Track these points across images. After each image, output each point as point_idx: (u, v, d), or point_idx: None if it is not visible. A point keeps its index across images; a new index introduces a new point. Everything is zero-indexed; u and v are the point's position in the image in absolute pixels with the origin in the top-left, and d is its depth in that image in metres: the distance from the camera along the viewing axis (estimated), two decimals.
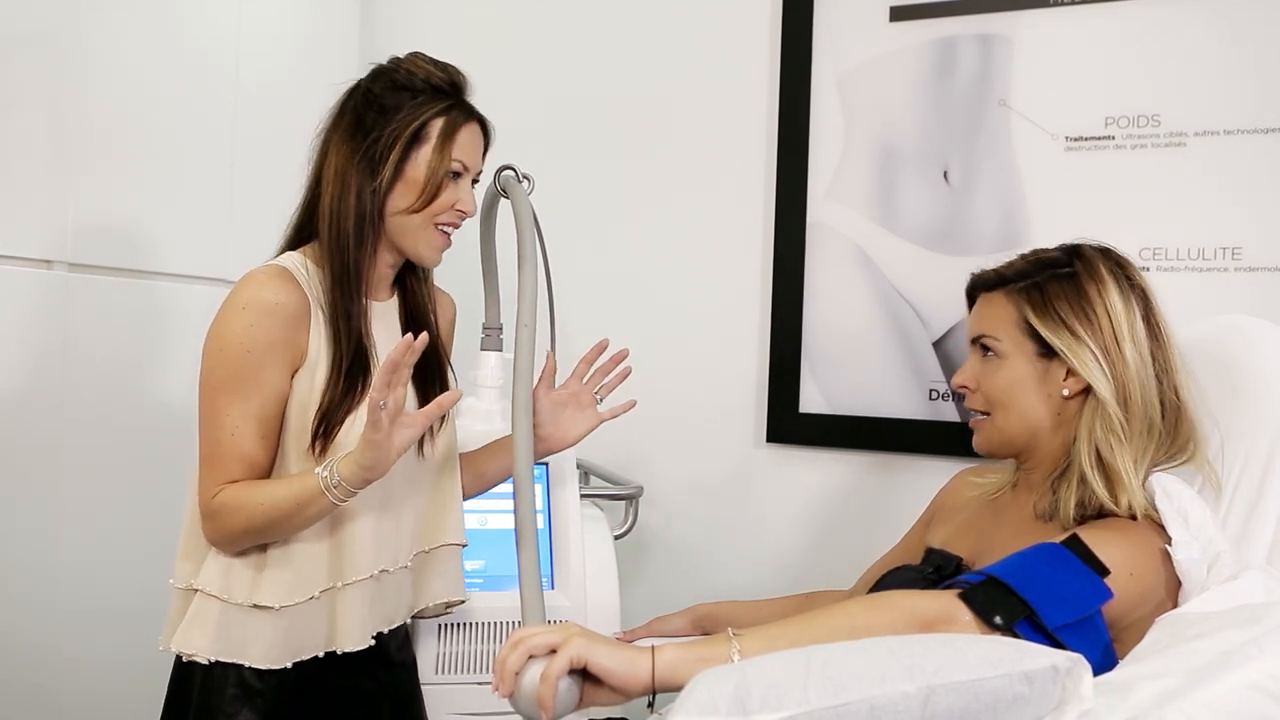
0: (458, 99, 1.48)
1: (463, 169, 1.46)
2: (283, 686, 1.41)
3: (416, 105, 1.44)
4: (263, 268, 1.42)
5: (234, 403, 1.37)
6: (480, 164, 1.52)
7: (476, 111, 1.50)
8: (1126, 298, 1.31)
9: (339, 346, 1.41)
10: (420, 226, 1.45)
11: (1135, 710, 0.92)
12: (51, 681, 1.82)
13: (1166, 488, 1.24)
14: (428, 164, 1.43)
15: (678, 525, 2.26)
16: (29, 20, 1.77)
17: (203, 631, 1.38)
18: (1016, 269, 1.38)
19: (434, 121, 1.44)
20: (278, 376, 1.38)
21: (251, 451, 1.37)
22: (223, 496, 1.36)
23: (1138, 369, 1.29)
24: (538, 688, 1.00)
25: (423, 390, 1.51)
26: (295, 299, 1.40)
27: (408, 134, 1.43)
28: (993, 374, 1.36)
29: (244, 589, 1.39)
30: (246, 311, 1.37)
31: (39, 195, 1.80)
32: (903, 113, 2.07)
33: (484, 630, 1.73)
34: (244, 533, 1.37)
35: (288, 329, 1.38)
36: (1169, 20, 1.88)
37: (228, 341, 1.37)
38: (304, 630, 1.40)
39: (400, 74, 1.46)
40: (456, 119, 1.46)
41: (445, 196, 1.45)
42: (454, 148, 1.45)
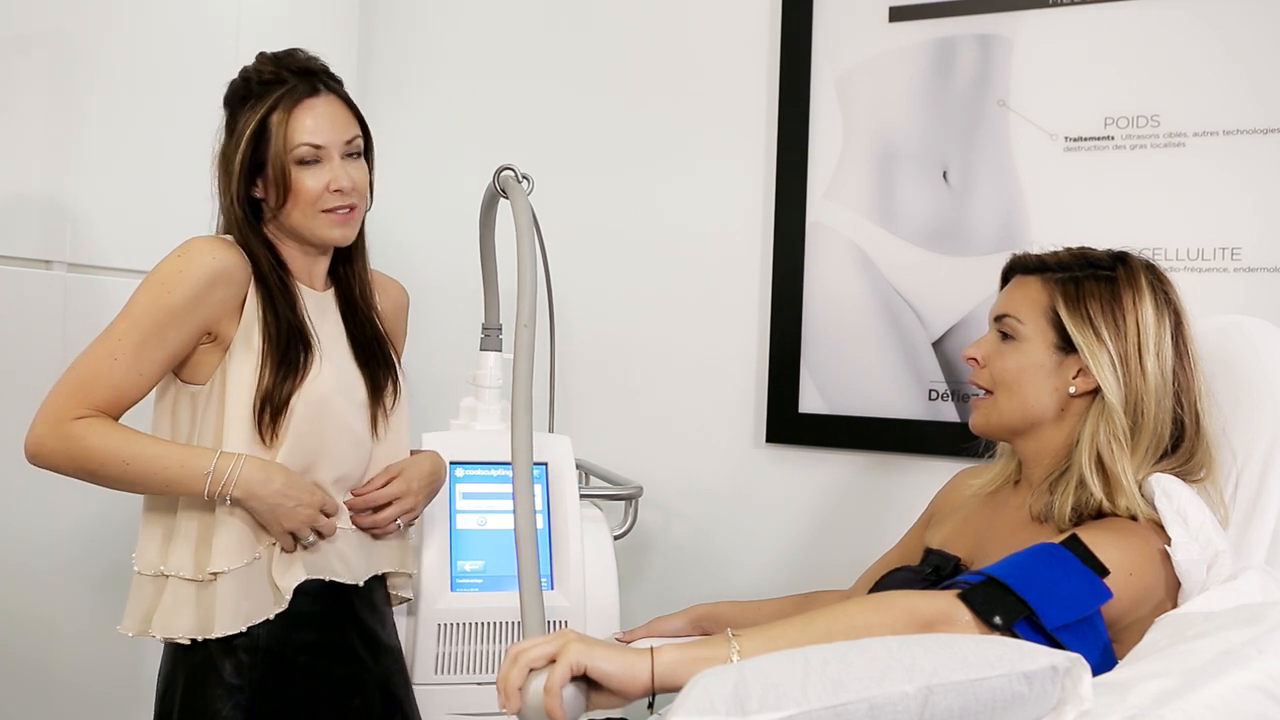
0: (295, 81, 1.46)
1: (313, 150, 1.45)
2: (264, 680, 1.43)
3: (251, 108, 1.45)
4: (214, 234, 1.48)
5: (130, 332, 1.39)
6: (344, 134, 1.47)
7: (321, 85, 1.48)
8: (1160, 313, 1.31)
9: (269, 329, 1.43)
10: (306, 218, 1.46)
11: (1134, 710, 0.92)
12: (50, 675, 1.82)
13: (1166, 488, 1.24)
14: (272, 159, 1.44)
15: (677, 525, 2.26)
16: (29, 20, 1.77)
17: (179, 611, 1.40)
18: (1059, 260, 1.38)
19: (270, 117, 1.44)
20: (185, 330, 1.41)
21: (122, 384, 1.38)
22: (90, 425, 1.36)
23: (1156, 384, 1.29)
24: (543, 700, 1.00)
25: (368, 372, 1.54)
26: (237, 264, 1.43)
27: (247, 138, 1.44)
28: (1006, 355, 1.36)
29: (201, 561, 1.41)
30: (181, 260, 1.41)
31: (39, 195, 1.80)
32: (902, 113, 2.07)
33: (484, 630, 1.73)
34: (88, 466, 1.37)
35: (216, 288, 1.41)
36: (1168, 21, 1.88)
37: (153, 280, 1.41)
38: (253, 594, 1.42)
39: (238, 83, 1.48)
40: (289, 103, 1.44)
41: (309, 184, 1.45)
42: (293, 134, 1.44)
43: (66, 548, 1.85)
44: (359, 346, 1.55)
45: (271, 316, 1.44)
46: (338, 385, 1.49)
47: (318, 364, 1.46)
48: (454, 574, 1.75)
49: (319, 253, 1.54)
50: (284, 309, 1.46)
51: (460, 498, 1.79)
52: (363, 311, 1.58)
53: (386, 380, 1.56)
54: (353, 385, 1.52)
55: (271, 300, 1.45)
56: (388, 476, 1.54)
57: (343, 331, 1.55)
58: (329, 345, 1.51)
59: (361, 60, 2.49)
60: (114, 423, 1.39)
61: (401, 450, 1.60)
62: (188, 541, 1.42)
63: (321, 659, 1.48)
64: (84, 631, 1.88)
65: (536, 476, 1.82)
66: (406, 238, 2.38)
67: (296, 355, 1.44)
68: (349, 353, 1.54)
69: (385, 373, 1.57)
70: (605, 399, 2.32)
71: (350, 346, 1.55)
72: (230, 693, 1.41)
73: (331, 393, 1.47)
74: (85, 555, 1.88)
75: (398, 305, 1.69)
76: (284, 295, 1.47)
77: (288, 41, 1.53)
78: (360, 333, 1.56)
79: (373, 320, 1.59)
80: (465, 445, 1.82)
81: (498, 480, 1.82)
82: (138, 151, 1.95)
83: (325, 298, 1.56)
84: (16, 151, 1.76)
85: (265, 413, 1.42)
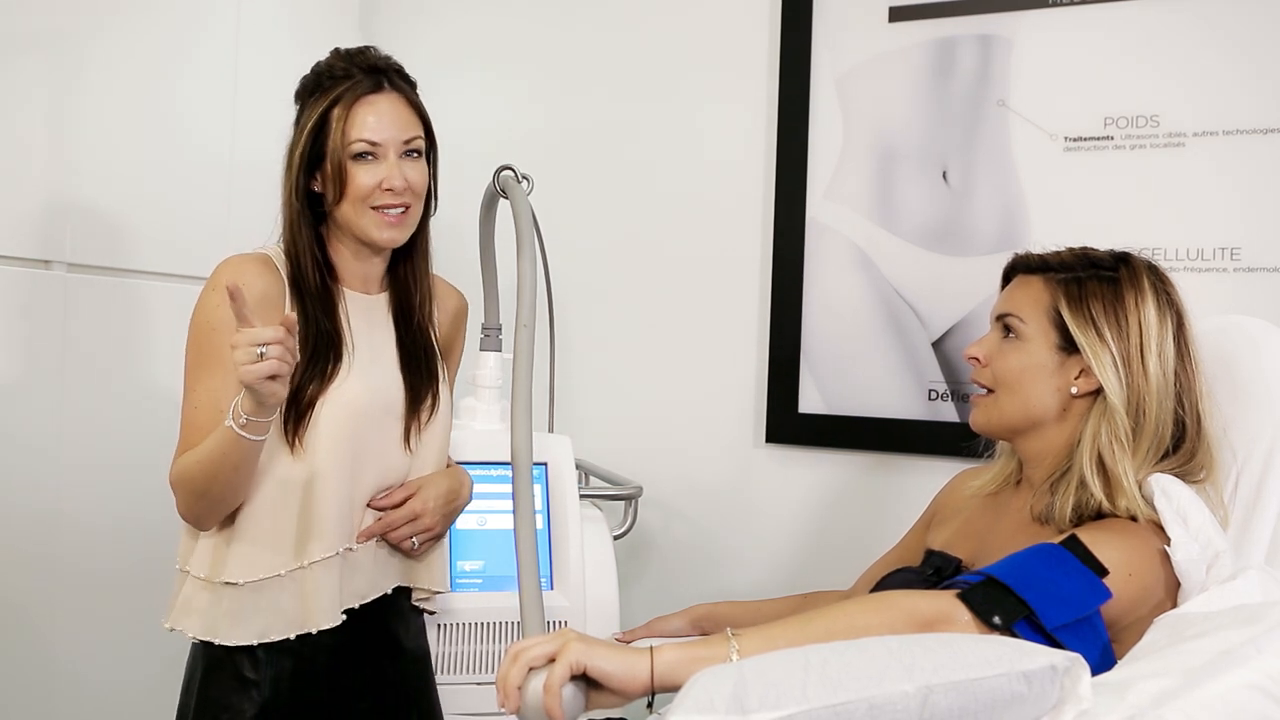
0: (364, 76, 1.46)
1: (370, 146, 1.44)
2: (280, 676, 1.43)
3: (315, 100, 1.45)
4: (243, 253, 1.47)
5: (200, 379, 1.41)
6: (404, 132, 1.46)
7: (387, 83, 1.47)
8: (1162, 314, 1.31)
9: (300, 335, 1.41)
10: (355, 214, 1.45)
11: (1133, 710, 0.92)
12: (50, 682, 1.82)
13: (1165, 488, 1.24)
14: (330, 152, 1.44)
15: (677, 525, 2.26)
16: (29, 20, 1.77)
17: (190, 609, 1.42)
18: (1061, 260, 1.38)
19: (331, 110, 1.44)
20: None
21: (210, 425, 1.37)
22: (173, 469, 1.40)
23: (1158, 384, 1.28)
24: (543, 699, 1.00)
25: (410, 381, 1.52)
26: (266, 282, 1.43)
27: (309, 131, 1.44)
28: (1008, 354, 1.36)
29: (215, 567, 1.41)
30: (215, 292, 1.41)
31: (39, 195, 1.80)
32: (902, 113, 2.07)
33: (484, 630, 1.73)
34: (194, 497, 1.38)
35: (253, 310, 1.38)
36: (1168, 21, 1.88)
37: (197, 320, 1.42)
38: (270, 609, 1.41)
39: (308, 77, 1.48)
40: (350, 99, 1.44)
41: (361, 180, 1.44)
42: (350, 129, 1.43)
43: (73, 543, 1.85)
44: (406, 354, 1.53)
45: (302, 319, 1.42)
46: (370, 394, 1.46)
47: (346, 370, 1.44)
48: (454, 574, 1.75)
49: (372, 254, 1.51)
50: (316, 313, 1.44)
51: None
52: (417, 319, 1.55)
53: (428, 393, 1.53)
54: (391, 394, 1.49)
55: (304, 304, 1.44)
56: (405, 493, 1.51)
57: (392, 337, 1.53)
58: (372, 351, 1.49)
59: None
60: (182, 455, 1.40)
61: (433, 466, 1.56)
62: (207, 543, 1.43)
63: (339, 659, 1.47)
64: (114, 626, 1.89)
65: (536, 476, 1.82)
66: None
67: (325, 360, 1.43)
68: (395, 360, 1.52)
69: (428, 385, 1.53)
70: (605, 399, 2.32)
71: (398, 353, 1.52)
72: (246, 688, 1.42)
73: (362, 401, 1.45)
74: (94, 552, 1.88)
75: (455, 313, 1.65)
76: (320, 299, 1.45)
77: (288, 43, 1.54)
78: (410, 340, 1.53)
79: (425, 329, 1.56)
80: (465, 445, 1.82)
81: (497, 480, 1.82)
82: (138, 151, 1.96)
83: (376, 301, 1.53)
84: (16, 151, 1.76)
85: (291, 413, 1.41)
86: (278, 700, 1.43)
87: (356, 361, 1.46)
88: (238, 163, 2.14)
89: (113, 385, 1.92)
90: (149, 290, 1.99)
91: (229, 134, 2.13)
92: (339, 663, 1.47)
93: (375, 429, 1.48)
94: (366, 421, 1.46)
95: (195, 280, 2.04)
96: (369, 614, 1.49)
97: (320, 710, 1.46)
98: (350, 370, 1.45)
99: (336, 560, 1.44)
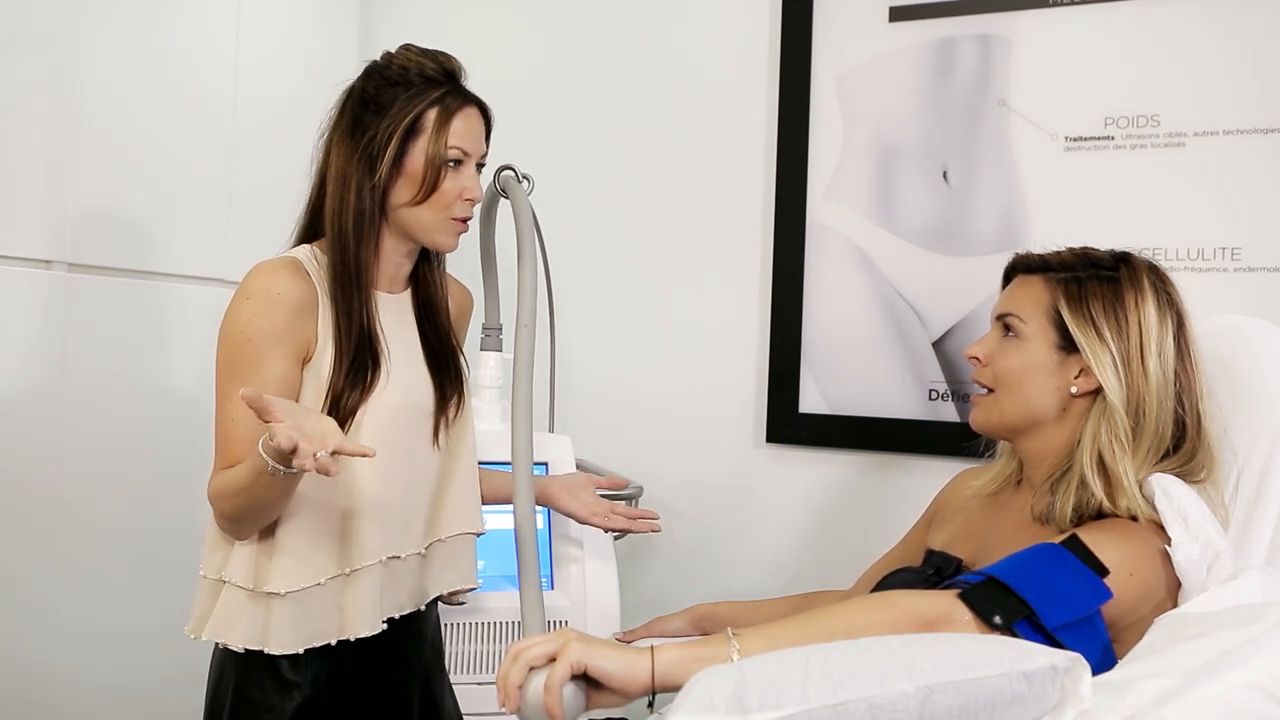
0: (452, 85, 1.48)
1: (462, 155, 1.46)
2: (318, 676, 1.43)
3: (410, 98, 1.44)
4: (273, 259, 1.45)
5: (235, 390, 1.37)
6: (483, 147, 1.51)
7: (472, 96, 1.50)
8: (1162, 313, 1.31)
9: (341, 339, 1.42)
10: (432, 220, 1.46)
11: (1133, 710, 0.92)
12: (51, 679, 1.82)
13: (1166, 488, 1.24)
14: (425, 155, 1.44)
15: (678, 525, 2.26)
16: (29, 20, 1.77)
17: (233, 620, 1.40)
18: (1062, 259, 1.38)
19: (428, 112, 1.44)
20: (282, 364, 1.40)
21: (249, 436, 1.35)
22: (212, 483, 1.39)
23: (1158, 384, 1.28)
24: (543, 698, 1.00)
25: (438, 380, 1.53)
26: (300, 289, 1.42)
27: (403, 128, 1.43)
28: (1008, 353, 1.36)
29: (260, 577, 1.40)
30: (250, 301, 1.39)
31: (39, 195, 1.80)
32: (902, 113, 2.07)
33: (484, 630, 1.74)
34: (232, 515, 1.38)
35: (290, 319, 1.40)
36: (1168, 20, 1.88)
37: (232, 330, 1.40)
38: (315, 617, 1.41)
39: (393, 69, 1.46)
40: (450, 106, 1.45)
41: (448, 186, 1.45)
42: (449, 135, 1.45)
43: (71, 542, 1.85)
44: (432, 352, 1.53)
45: (344, 325, 1.42)
46: (405, 397, 1.46)
47: (385, 376, 1.44)
48: None
49: (414, 255, 1.52)
50: (360, 315, 1.43)
51: None
52: (438, 317, 1.56)
53: (454, 391, 1.54)
54: (422, 395, 1.50)
55: (349, 307, 1.43)
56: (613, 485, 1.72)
57: (417, 336, 1.53)
58: (402, 352, 1.49)
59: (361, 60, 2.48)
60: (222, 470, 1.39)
61: (464, 464, 1.56)
62: (246, 553, 1.41)
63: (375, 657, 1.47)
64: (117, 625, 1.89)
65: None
66: None
67: (365, 365, 1.43)
68: (422, 360, 1.52)
69: (454, 383, 1.54)
70: (605, 399, 2.32)
71: (424, 352, 1.53)
72: (287, 689, 1.42)
73: (399, 407, 1.45)
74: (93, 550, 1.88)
75: (462, 309, 1.66)
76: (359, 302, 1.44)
77: (288, 42, 1.54)
78: (436, 338, 1.54)
79: (447, 328, 1.57)
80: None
81: None
82: (138, 151, 1.96)
83: (401, 300, 1.53)
84: (16, 151, 1.76)
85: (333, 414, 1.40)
86: (318, 699, 1.43)
87: (394, 366, 1.46)
88: (239, 162, 2.14)
89: (113, 385, 1.92)
90: (149, 290, 1.99)
91: (230, 134, 2.13)
92: (374, 660, 1.48)
93: (410, 431, 1.48)
94: (404, 424, 1.47)
95: (196, 280, 2.06)
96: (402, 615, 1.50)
97: (357, 707, 1.47)
98: (390, 375, 1.45)
99: (378, 568, 1.44)
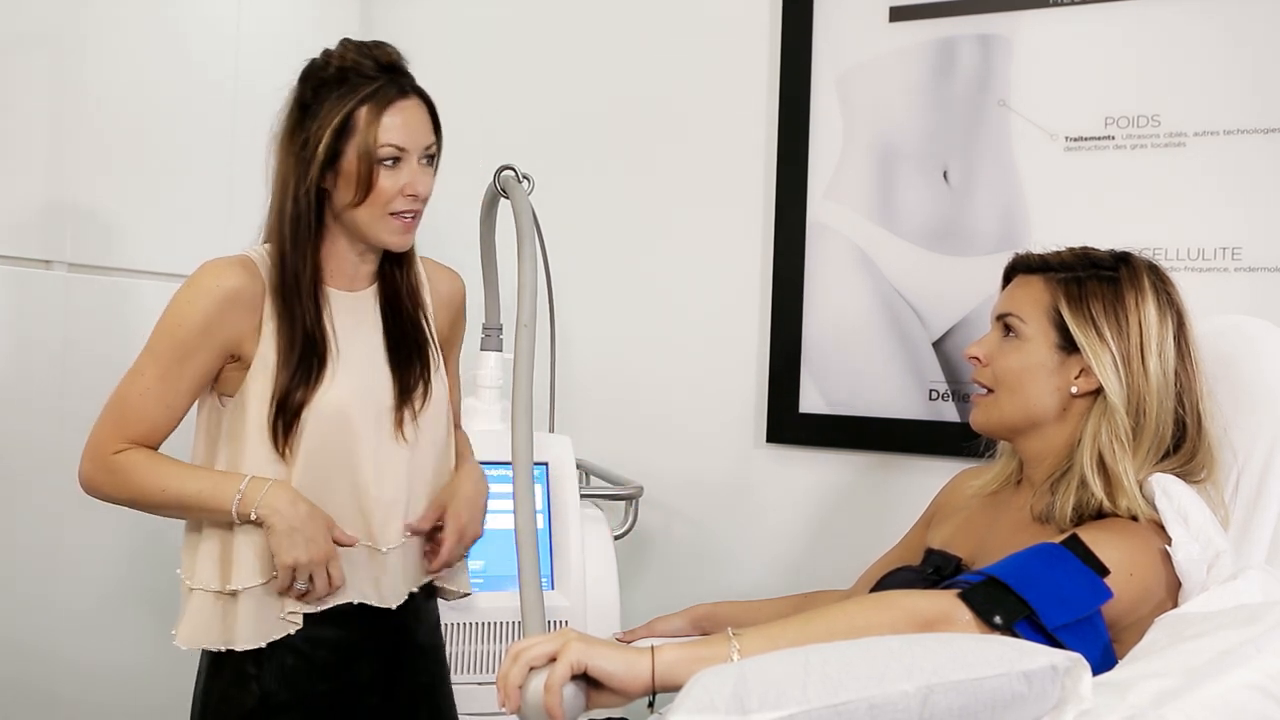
0: (388, 79, 1.44)
1: (397, 151, 1.42)
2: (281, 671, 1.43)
3: (341, 97, 1.41)
4: (226, 255, 1.46)
5: (154, 366, 1.41)
6: (426, 139, 1.46)
7: (410, 87, 1.46)
8: (1163, 313, 1.31)
9: (282, 341, 1.42)
10: (373, 218, 1.44)
11: (1134, 710, 0.92)
12: (51, 679, 1.82)
13: (1166, 488, 1.24)
14: (357, 154, 1.41)
15: (677, 525, 2.26)
16: (29, 20, 1.77)
17: (202, 625, 1.42)
18: (1062, 259, 1.38)
19: (359, 110, 1.41)
20: (204, 357, 1.41)
21: (154, 417, 1.41)
22: (130, 458, 1.41)
23: (1158, 384, 1.28)
24: (543, 698, 1.00)
25: (399, 373, 1.50)
26: (242, 284, 1.42)
27: (333, 129, 1.40)
28: (1008, 354, 1.36)
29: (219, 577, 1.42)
30: (190, 289, 1.42)
31: (39, 195, 1.80)
32: (902, 113, 2.07)
33: (484, 630, 1.73)
34: (132, 495, 1.41)
35: (225, 311, 1.41)
36: (1169, 20, 1.88)
37: (168, 312, 1.43)
38: (274, 610, 1.42)
39: (329, 69, 1.44)
40: (382, 101, 1.42)
41: (385, 184, 1.42)
42: (380, 131, 1.41)
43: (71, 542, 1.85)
44: (395, 345, 1.51)
45: (286, 326, 1.42)
46: (356, 394, 1.45)
47: (331, 374, 1.43)
48: None
49: (373, 254, 1.51)
50: (302, 316, 1.43)
51: None
52: (407, 310, 1.53)
53: (418, 382, 1.51)
54: (377, 390, 1.48)
55: (289, 308, 1.42)
56: (436, 514, 1.51)
57: (379, 330, 1.51)
58: (357, 348, 1.48)
59: None
60: (152, 453, 1.42)
61: (439, 454, 1.55)
62: (211, 556, 1.43)
63: (344, 654, 1.47)
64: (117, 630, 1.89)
65: (537, 476, 1.82)
66: None
67: (310, 364, 1.42)
68: (383, 353, 1.50)
69: (418, 374, 1.51)
70: (605, 399, 2.32)
71: (385, 345, 1.50)
72: (246, 681, 1.42)
73: (347, 404, 1.44)
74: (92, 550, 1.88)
75: (449, 295, 1.62)
76: (307, 302, 1.43)
77: (288, 41, 1.53)
78: (400, 331, 1.52)
79: (417, 319, 1.54)
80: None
81: (498, 480, 1.81)
82: (137, 151, 1.96)
83: (363, 298, 1.51)
84: (16, 151, 1.76)
85: (279, 421, 1.41)
86: (279, 693, 1.43)
87: (343, 363, 1.45)
88: (238, 163, 2.14)
89: (113, 385, 1.91)
90: (149, 290, 1.98)
91: (229, 134, 2.13)
92: (343, 658, 1.47)
93: (368, 426, 1.47)
94: (356, 421, 1.46)
95: None
96: (377, 611, 1.49)
97: (324, 704, 1.46)
98: (336, 374, 1.44)
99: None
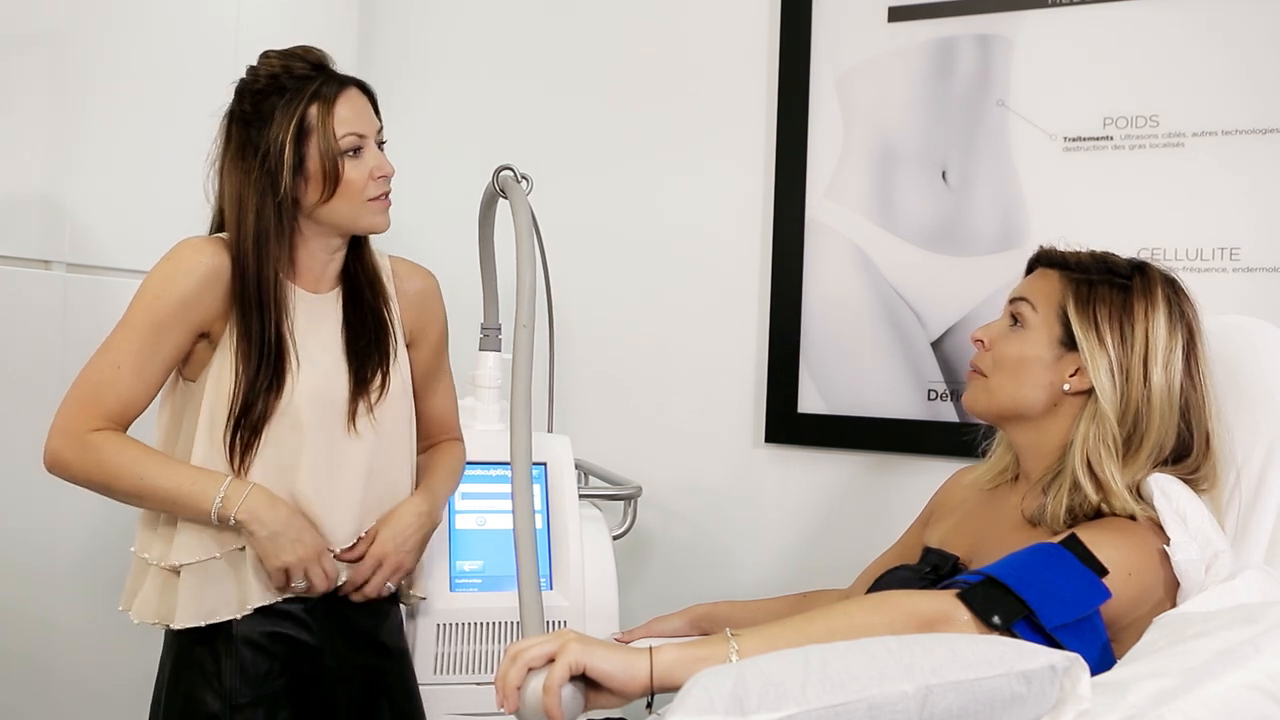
0: (325, 75, 1.47)
1: (358, 140, 1.46)
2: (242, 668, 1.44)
3: (288, 102, 1.44)
4: (202, 235, 1.48)
5: (128, 339, 1.41)
6: (375, 124, 1.50)
7: (347, 78, 1.49)
8: (1173, 327, 1.31)
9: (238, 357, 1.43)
10: (352, 208, 1.46)
11: (1132, 710, 0.92)
12: (52, 686, 1.82)
13: (1164, 488, 1.24)
14: (319, 152, 1.43)
15: (676, 525, 2.26)
16: (29, 20, 1.77)
17: (142, 596, 1.45)
18: (1080, 260, 1.38)
19: (309, 109, 1.44)
20: (180, 333, 1.42)
21: (128, 393, 1.41)
22: (108, 439, 1.40)
23: (1161, 398, 1.28)
24: (542, 699, 1.00)
25: (356, 365, 1.50)
26: (223, 264, 1.44)
27: (291, 133, 1.43)
28: (1011, 340, 1.37)
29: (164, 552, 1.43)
30: (169, 264, 1.43)
31: (39, 195, 1.80)
32: (901, 113, 2.07)
33: (483, 630, 1.73)
34: (103, 480, 1.40)
35: (205, 291, 1.42)
36: (1167, 21, 1.88)
37: (145, 288, 1.43)
38: (214, 590, 1.43)
39: (261, 81, 1.46)
40: (329, 96, 1.45)
41: (353, 175, 1.45)
42: (336, 124, 1.44)
43: (70, 543, 1.85)
44: (353, 335, 1.51)
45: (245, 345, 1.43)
46: (309, 397, 1.45)
47: (291, 385, 1.44)
48: (453, 574, 1.75)
49: (340, 249, 1.52)
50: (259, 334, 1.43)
51: (459, 498, 1.79)
52: (368, 303, 1.54)
53: (376, 372, 1.51)
54: (336, 385, 1.48)
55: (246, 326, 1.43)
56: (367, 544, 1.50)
57: (339, 328, 1.51)
58: (318, 348, 1.48)
59: (361, 60, 2.49)
60: (129, 439, 1.42)
61: (397, 448, 1.55)
62: (162, 531, 1.45)
63: (304, 653, 1.48)
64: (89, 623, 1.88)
65: (535, 476, 1.82)
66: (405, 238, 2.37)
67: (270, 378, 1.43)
68: (341, 350, 1.50)
69: (376, 365, 1.51)
70: (604, 399, 2.32)
71: (344, 337, 1.51)
72: (208, 679, 1.43)
73: (303, 406, 1.45)
74: (92, 550, 1.88)
75: (420, 293, 1.62)
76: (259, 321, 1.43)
77: (289, 41, 1.53)
78: (359, 320, 1.52)
79: (377, 307, 1.55)
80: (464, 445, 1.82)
81: (497, 480, 1.82)
82: (137, 151, 1.95)
83: (327, 300, 1.52)
84: (16, 151, 1.76)
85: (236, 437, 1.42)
86: (241, 691, 1.43)
87: (302, 372, 1.45)
88: None
89: None
90: None
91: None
92: (303, 656, 1.48)
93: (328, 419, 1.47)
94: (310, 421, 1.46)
95: None
96: (336, 610, 1.50)
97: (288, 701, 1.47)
98: (295, 385, 1.45)
99: None
